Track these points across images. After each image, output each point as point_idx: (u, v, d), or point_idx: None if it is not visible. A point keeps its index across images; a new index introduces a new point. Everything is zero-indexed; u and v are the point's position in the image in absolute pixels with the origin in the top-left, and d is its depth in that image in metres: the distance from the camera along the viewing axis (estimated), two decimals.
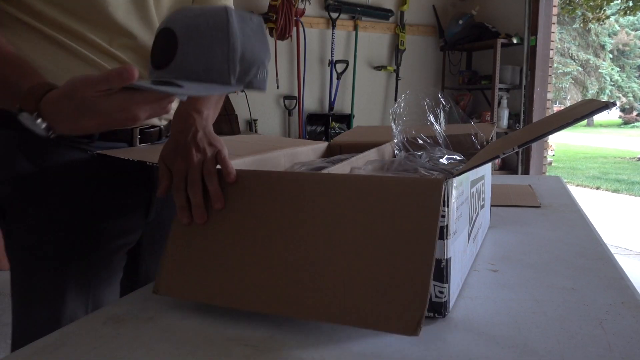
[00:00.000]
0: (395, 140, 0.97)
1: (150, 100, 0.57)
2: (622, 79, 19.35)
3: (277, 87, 4.19)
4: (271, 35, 4.05)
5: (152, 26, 0.83)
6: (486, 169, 0.93)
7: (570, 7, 11.56)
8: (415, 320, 0.50)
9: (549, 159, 6.22)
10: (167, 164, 0.68)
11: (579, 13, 13.35)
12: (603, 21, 13.37)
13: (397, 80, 4.60)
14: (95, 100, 0.55)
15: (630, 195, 6.57)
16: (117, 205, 0.85)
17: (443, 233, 0.58)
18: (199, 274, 0.62)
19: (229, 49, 0.61)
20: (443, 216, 0.57)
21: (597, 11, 11.59)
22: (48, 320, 0.79)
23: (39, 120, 0.59)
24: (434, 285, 0.58)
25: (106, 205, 0.83)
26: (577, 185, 7.28)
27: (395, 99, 4.61)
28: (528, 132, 0.69)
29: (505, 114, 4.20)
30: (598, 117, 21.59)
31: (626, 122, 21.32)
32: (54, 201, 0.79)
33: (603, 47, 19.08)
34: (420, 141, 0.94)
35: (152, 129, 0.89)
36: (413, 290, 0.52)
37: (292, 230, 0.60)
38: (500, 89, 4.13)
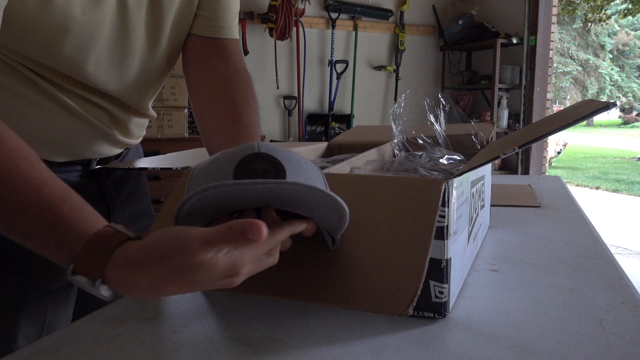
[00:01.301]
0: (395, 140, 0.97)
1: (265, 249, 0.47)
2: (622, 79, 19.36)
3: (277, 87, 4.19)
4: (271, 36, 4.05)
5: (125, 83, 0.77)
6: (486, 169, 0.93)
7: (571, 8, 11.57)
8: (407, 301, 0.50)
9: (548, 159, 6.21)
10: None
11: (579, 13, 13.36)
12: (604, 22, 13.37)
13: (397, 80, 4.60)
14: (200, 267, 0.42)
15: (630, 195, 6.58)
16: None
17: (443, 233, 0.58)
18: None
19: (336, 205, 0.51)
20: (443, 216, 0.57)
21: (598, 11, 11.60)
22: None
23: (103, 289, 0.46)
24: (434, 285, 0.59)
25: None
26: (577, 185, 7.28)
27: (395, 99, 4.61)
28: (528, 132, 0.69)
29: (505, 114, 4.20)
30: (598, 117, 21.59)
31: (626, 122, 21.33)
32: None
33: (603, 47, 19.09)
34: (420, 141, 0.95)
35: (110, 155, 0.85)
36: (408, 272, 0.52)
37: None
38: (500, 89, 4.13)
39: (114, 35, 0.71)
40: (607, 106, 0.56)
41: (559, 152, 8.44)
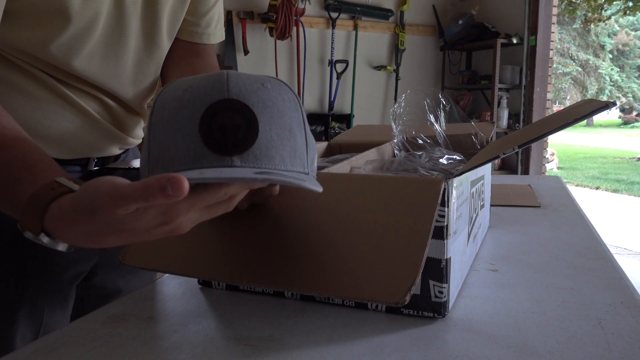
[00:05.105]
0: (395, 140, 0.97)
1: (205, 203, 0.44)
2: (622, 79, 19.37)
3: None
4: (271, 35, 4.05)
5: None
6: (486, 169, 0.93)
7: (571, 8, 11.58)
8: (404, 289, 0.50)
9: (549, 166, 6.20)
10: None
11: (579, 14, 13.37)
12: (604, 22, 13.38)
13: (397, 80, 4.60)
14: (125, 220, 0.42)
15: (629, 195, 6.58)
16: None
17: (443, 233, 0.58)
18: (177, 247, 0.61)
19: (306, 133, 0.51)
20: (442, 216, 0.57)
21: (598, 11, 11.61)
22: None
23: (46, 240, 0.46)
24: (434, 285, 0.59)
25: None
26: (576, 185, 7.28)
27: (395, 99, 4.61)
28: (528, 132, 0.69)
29: (505, 113, 4.20)
30: (598, 117, 21.61)
31: (626, 122, 21.34)
32: (3, 233, 0.73)
33: (603, 47, 19.10)
34: (420, 141, 0.95)
35: (110, 156, 0.85)
36: (406, 263, 0.52)
37: (286, 218, 0.60)
38: (500, 88, 4.13)
39: (110, 27, 0.72)
40: (606, 106, 0.56)
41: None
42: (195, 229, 0.57)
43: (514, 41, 4.07)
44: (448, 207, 0.57)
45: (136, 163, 0.88)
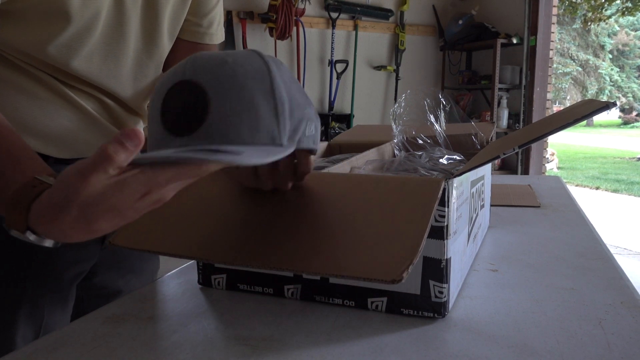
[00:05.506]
0: (395, 140, 0.97)
1: (183, 174, 0.43)
2: (622, 79, 19.37)
3: None
4: (271, 35, 4.05)
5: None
6: (486, 169, 0.93)
7: (572, 8, 11.58)
8: (402, 268, 0.50)
9: (549, 166, 6.19)
10: None
11: (579, 14, 13.38)
12: (604, 22, 13.39)
13: (397, 80, 4.60)
14: (105, 196, 0.41)
15: (629, 195, 6.58)
16: None
17: (443, 233, 0.58)
18: (170, 227, 0.61)
19: (276, 102, 0.51)
20: (442, 216, 0.57)
21: (599, 11, 11.61)
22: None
23: (32, 237, 0.46)
24: (434, 285, 0.59)
25: None
26: (576, 185, 7.28)
27: (395, 99, 4.61)
28: (528, 132, 0.69)
29: (505, 113, 4.20)
30: (598, 117, 21.60)
31: (626, 122, 21.34)
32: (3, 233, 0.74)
33: (603, 47, 19.11)
34: (420, 141, 0.95)
35: None
36: (405, 247, 0.52)
37: (283, 204, 0.60)
38: (500, 88, 4.13)
39: (110, 27, 0.72)
40: (607, 106, 0.56)
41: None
42: (186, 209, 0.57)
43: (514, 41, 4.06)
44: (448, 207, 0.57)
45: None
